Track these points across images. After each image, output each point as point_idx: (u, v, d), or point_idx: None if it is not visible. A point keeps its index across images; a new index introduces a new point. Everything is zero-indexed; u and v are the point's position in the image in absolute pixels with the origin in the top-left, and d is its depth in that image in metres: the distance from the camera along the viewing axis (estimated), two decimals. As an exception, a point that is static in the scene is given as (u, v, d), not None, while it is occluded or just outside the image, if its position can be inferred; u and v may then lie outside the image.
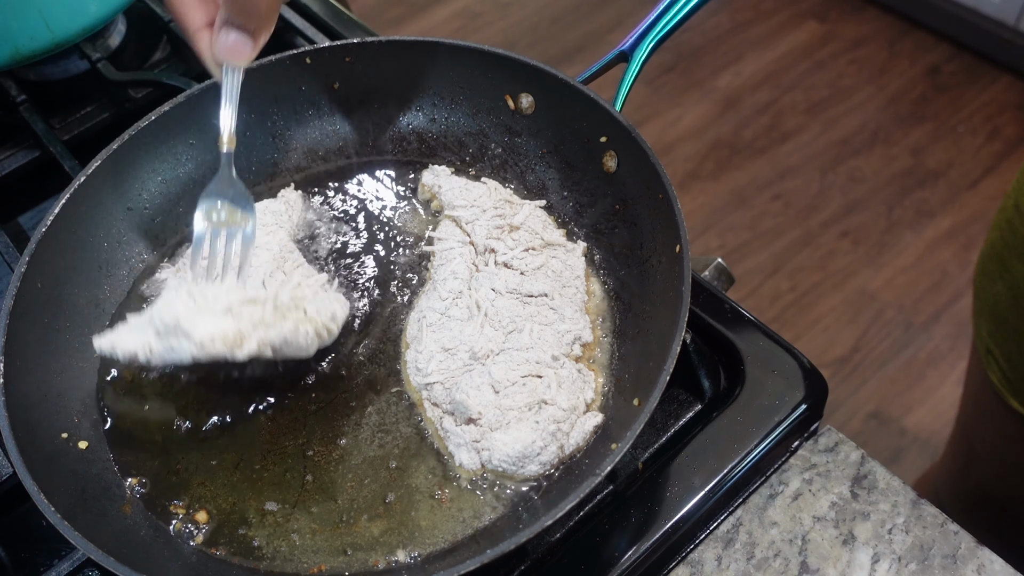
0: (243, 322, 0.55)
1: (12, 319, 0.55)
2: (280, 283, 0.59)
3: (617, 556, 0.53)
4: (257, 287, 0.58)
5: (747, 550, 0.55)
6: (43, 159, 0.80)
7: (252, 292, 0.56)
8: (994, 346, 0.80)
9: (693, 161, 2.19)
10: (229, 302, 0.54)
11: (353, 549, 0.53)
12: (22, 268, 0.57)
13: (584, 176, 0.67)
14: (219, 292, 0.55)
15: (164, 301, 0.55)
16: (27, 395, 0.54)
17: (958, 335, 1.84)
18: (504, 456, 0.54)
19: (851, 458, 0.58)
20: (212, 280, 0.56)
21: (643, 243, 0.62)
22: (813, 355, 0.63)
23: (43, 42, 0.76)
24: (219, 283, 0.56)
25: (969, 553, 0.54)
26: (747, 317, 0.62)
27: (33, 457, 0.50)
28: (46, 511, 0.47)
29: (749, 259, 1.99)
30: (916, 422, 1.73)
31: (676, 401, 0.61)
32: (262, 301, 0.55)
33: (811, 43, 2.45)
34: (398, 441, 0.58)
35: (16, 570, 0.56)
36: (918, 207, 2.06)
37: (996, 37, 2.27)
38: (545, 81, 0.66)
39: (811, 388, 0.59)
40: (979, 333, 0.83)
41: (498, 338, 0.59)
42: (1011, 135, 2.18)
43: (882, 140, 2.20)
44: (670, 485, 0.55)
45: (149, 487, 0.56)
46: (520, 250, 0.64)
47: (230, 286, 0.56)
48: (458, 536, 0.53)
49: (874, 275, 1.95)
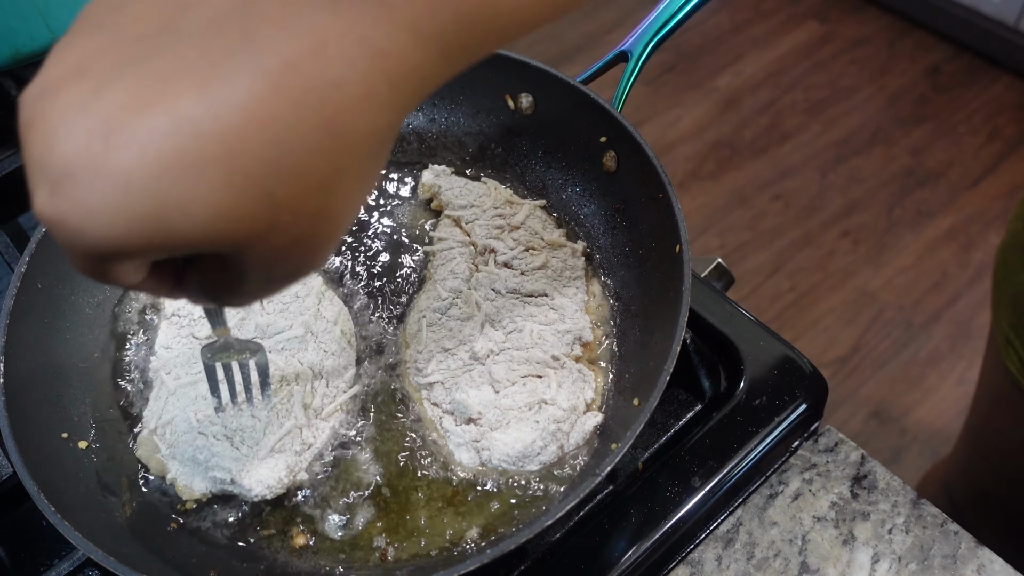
0: (289, 455, 0.55)
1: (12, 319, 0.55)
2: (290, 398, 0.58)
3: (617, 556, 0.53)
4: (287, 411, 0.57)
5: (747, 550, 0.55)
6: (43, 159, 0.80)
7: (288, 425, 0.56)
8: (1015, 336, 0.80)
9: (693, 161, 2.19)
10: (271, 444, 0.55)
11: (351, 548, 0.53)
12: (22, 268, 0.57)
13: (584, 176, 0.67)
14: (258, 435, 0.55)
15: (177, 409, 0.56)
16: (27, 395, 0.54)
17: (958, 335, 1.84)
18: (504, 456, 0.54)
19: (851, 458, 0.58)
20: (236, 407, 0.55)
21: (643, 243, 0.61)
22: (813, 355, 0.63)
23: (43, 42, 0.76)
24: (248, 413, 0.56)
25: (969, 553, 0.54)
26: (747, 317, 0.62)
27: (33, 457, 0.50)
28: (46, 511, 0.47)
29: (749, 259, 1.99)
30: (916, 422, 1.73)
31: (676, 401, 0.61)
32: (291, 428, 0.56)
33: (811, 43, 2.44)
34: (397, 441, 0.58)
35: (16, 570, 0.56)
36: (918, 207, 2.06)
37: (996, 37, 2.27)
38: (545, 81, 0.66)
39: (811, 388, 0.59)
40: (998, 323, 0.83)
41: (498, 338, 0.59)
42: (1011, 135, 2.18)
43: (882, 140, 2.20)
44: (670, 485, 0.55)
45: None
46: (520, 250, 0.64)
47: (267, 425, 0.56)
48: (458, 536, 0.53)
49: (874, 275, 1.95)
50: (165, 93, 0.27)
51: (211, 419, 0.56)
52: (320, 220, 0.30)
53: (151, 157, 0.27)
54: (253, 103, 0.27)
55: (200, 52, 0.28)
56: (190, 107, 0.27)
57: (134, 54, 0.28)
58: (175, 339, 0.62)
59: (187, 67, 0.27)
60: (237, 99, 0.27)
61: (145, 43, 0.29)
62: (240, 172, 0.27)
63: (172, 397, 0.58)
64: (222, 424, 0.56)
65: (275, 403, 0.57)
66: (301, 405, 0.57)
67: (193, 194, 0.27)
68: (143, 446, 0.57)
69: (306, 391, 0.58)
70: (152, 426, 0.58)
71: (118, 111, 0.27)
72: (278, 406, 0.57)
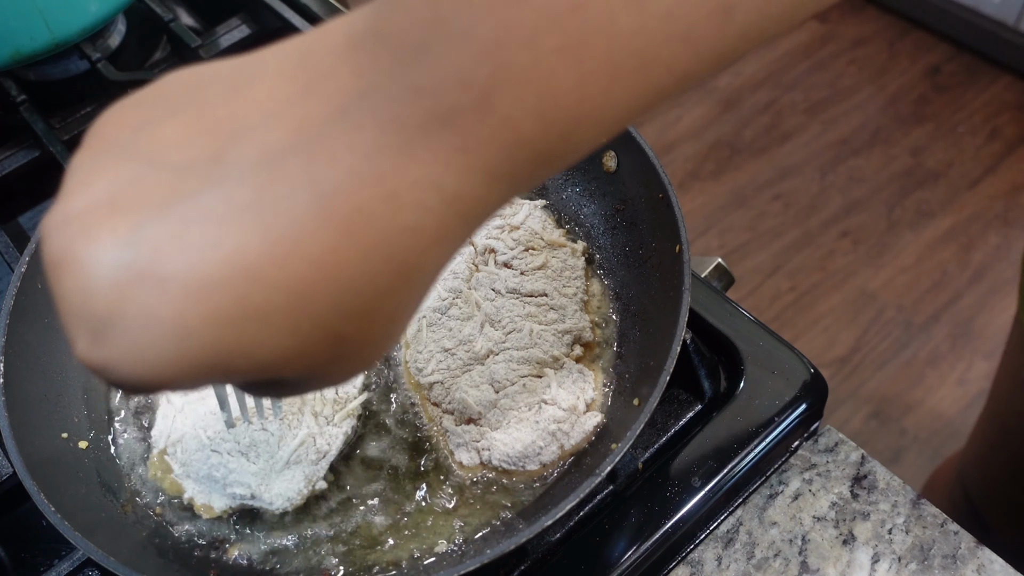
0: (305, 465, 0.55)
1: (12, 319, 0.55)
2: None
3: (617, 556, 0.53)
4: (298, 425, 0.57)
5: (747, 550, 0.55)
6: (43, 159, 0.80)
7: (301, 435, 0.55)
8: None
9: (693, 161, 2.19)
10: (286, 456, 0.55)
11: (351, 548, 0.53)
12: (22, 268, 0.57)
13: (584, 176, 0.67)
14: (273, 448, 0.55)
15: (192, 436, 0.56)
16: (27, 395, 0.54)
17: (958, 335, 1.84)
18: (504, 456, 0.54)
19: (851, 458, 0.58)
20: (246, 422, 0.55)
21: (643, 243, 0.61)
22: (813, 355, 0.63)
23: (43, 42, 0.76)
24: (258, 426, 0.56)
25: (969, 553, 0.54)
26: (747, 317, 0.62)
27: (33, 457, 0.50)
28: (46, 511, 0.47)
29: (749, 259, 1.99)
30: (916, 422, 1.73)
31: (676, 401, 0.61)
32: (304, 439, 0.56)
33: (811, 43, 2.45)
34: (397, 440, 0.58)
35: (16, 570, 0.56)
36: (918, 207, 2.06)
37: (996, 37, 2.27)
38: (545, 81, 0.66)
39: (811, 388, 0.59)
40: (1022, 307, 0.84)
41: (498, 338, 0.59)
42: (1011, 135, 2.18)
43: (882, 140, 2.20)
44: (670, 485, 0.55)
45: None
46: (520, 250, 0.64)
47: (281, 438, 0.55)
48: (457, 536, 0.53)
49: (874, 275, 1.95)
50: (221, 236, 0.24)
51: (223, 436, 0.55)
52: (384, 343, 0.29)
53: (210, 307, 0.25)
54: (322, 251, 0.25)
55: (257, 191, 0.25)
56: (252, 254, 0.24)
57: (177, 187, 0.26)
58: None
59: (244, 207, 0.25)
60: (305, 246, 0.25)
61: (189, 175, 0.26)
62: (308, 318, 0.25)
63: (179, 415, 0.57)
64: (235, 440, 0.55)
65: (285, 413, 0.56)
66: (312, 414, 0.57)
67: (257, 340, 0.25)
68: (154, 467, 0.57)
69: (315, 400, 0.58)
70: (161, 446, 0.57)
71: (167, 254, 0.25)
72: (288, 417, 0.56)
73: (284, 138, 0.26)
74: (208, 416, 0.57)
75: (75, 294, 0.26)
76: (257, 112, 0.26)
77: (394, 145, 0.25)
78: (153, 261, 0.25)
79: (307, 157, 0.25)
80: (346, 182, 0.25)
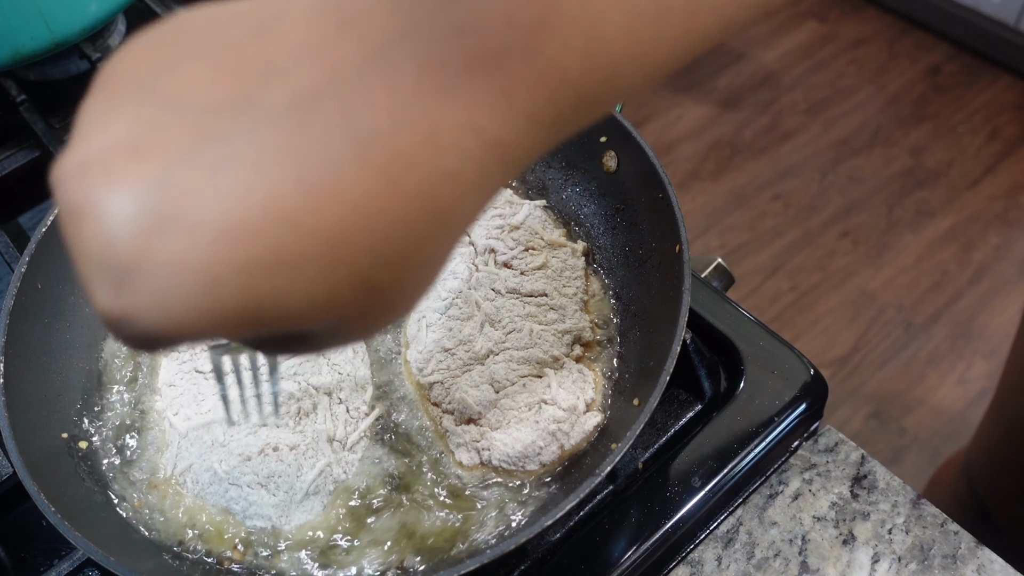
0: (324, 495, 0.54)
1: (12, 319, 0.55)
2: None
3: (617, 556, 0.53)
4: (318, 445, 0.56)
5: (747, 550, 0.55)
6: (43, 159, 0.80)
7: (319, 466, 0.55)
8: None
9: (693, 161, 2.19)
10: (305, 487, 0.54)
11: (350, 548, 0.53)
12: (22, 268, 0.57)
13: (584, 176, 0.67)
14: (292, 479, 0.54)
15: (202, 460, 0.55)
16: (27, 395, 0.54)
17: (958, 335, 1.84)
18: (504, 456, 0.54)
19: (851, 458, 0.58)
20: (249, 421, 0.54)
21: (643, 243, 0.61)
22: (813, 355, 0.63)
23: (43, 42, 0.76)
24: (272, 458, 0.55)
25: (969, 553, 0.54)
26: (747, 317, 0.62)
27: (33, 457, 0.50)
28: (46, 511, 0.47)
29: (749, 259, 1.99)
30: (916, 422, 1.73)
31: (676, 401, 0.61)
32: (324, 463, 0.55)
33: (811, 43, 2.45)
34: (397, 440, 0.58)
35: (16, 570, 0.56)
36: (918, 207, 2.06)
37: (996, 37, 2.27)
38: (545, 81, 0.66)
39: (811, 388, 0.59)
40: None
41: (498, 338, 0.59)
42: (1011, 135, 2.18)
43: (882, 140, 2.20)
44: (670, 485, 0.55)
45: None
46: (520, 250, 0.64)
47: (300, 469, 0.55)
48: (457, 536, 0.53)
49: (874, 275, 1.95)
50: (254, 181, 0.23)
51: (240, 469, 0.54)
52: (415, 294, 0.28)
53: (242, 254, 0.23)
54: (360, 196, 0.24)
55: (292, 135, 0.24)
56: (286, 199, 0.23)
57: (205, 131, 0.24)
58: (177, 375, 0.60)
59: (277, 151, 0.23)
60: (342, 192, 0.23)
61: (216, 118, 0.25)
62: (343, 266, 0.24)
63: (184, 441, 0.56)
64: (254, 472, 0.54)
65: (296, 443, 0.55)
66: (327, 441, 0.56)
67: (290, 289, 0.24)
68: (163, 496, 0.55)
69: (328, 420, 0.57)
70: (168, 473, 0.56)
71: (196, 199, 0.23)
72: (302, 447, 0.55)
73: (318, 81, 0.24)
74: (218, 448, 0.56)
75: (95, 242, 0.24)
76: (287, 54, 0.25)
77: (435, 87, 0.24)
78: (181, 206, 0.23)
79: (344, 100, 0.24)
80: (385, 125, 0.24)
